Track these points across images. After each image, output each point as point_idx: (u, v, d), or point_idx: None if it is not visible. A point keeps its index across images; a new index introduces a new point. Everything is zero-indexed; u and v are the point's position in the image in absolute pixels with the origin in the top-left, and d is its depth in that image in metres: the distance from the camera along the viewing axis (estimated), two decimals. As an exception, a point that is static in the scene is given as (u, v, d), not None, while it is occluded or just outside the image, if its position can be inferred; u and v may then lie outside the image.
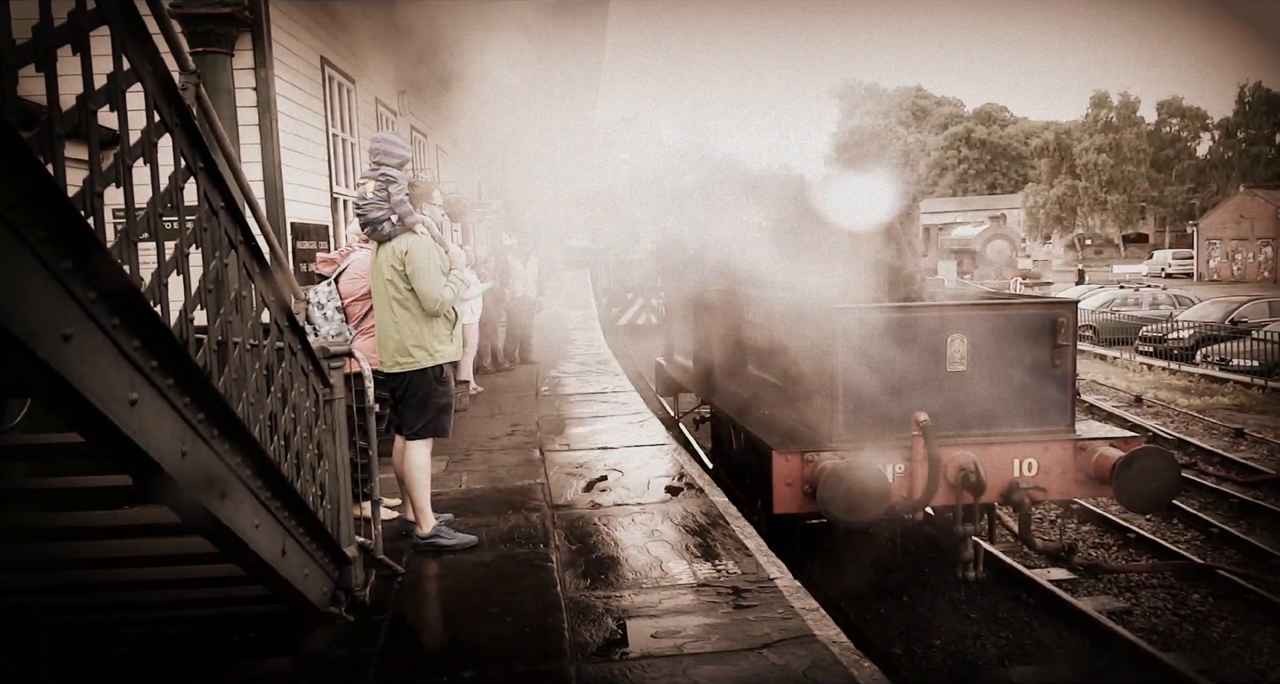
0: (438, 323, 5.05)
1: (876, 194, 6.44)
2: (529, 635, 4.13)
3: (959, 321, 5.64)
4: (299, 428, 3.89)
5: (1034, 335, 5.68)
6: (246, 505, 3.01)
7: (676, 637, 4.09)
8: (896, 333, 5.56)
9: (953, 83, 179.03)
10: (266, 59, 6.76)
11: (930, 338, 5.60)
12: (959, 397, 5.63)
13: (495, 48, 9.14)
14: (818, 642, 4.04)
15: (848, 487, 5.07)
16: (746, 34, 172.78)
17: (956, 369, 5.62)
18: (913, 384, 5.60)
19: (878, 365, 5.52)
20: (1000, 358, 5.66)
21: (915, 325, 5.62)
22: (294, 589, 3.55)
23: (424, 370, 5.03)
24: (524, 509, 6.16)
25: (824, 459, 5.41)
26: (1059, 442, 5.69)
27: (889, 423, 5.58)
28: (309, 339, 4.45)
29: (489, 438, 8.55)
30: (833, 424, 5.65)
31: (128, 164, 2.36)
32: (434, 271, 4.91)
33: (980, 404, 5.63)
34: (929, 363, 5.61)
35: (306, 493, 3.86)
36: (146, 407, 2.21)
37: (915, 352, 5.58)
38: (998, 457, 5.58)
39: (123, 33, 2.30)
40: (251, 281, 3.37)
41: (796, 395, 6.36)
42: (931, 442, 5.24)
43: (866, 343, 5.50)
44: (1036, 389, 5.70)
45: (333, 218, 8.67)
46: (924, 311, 5.73)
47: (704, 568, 4.97)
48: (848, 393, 5.60)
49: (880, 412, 5.59)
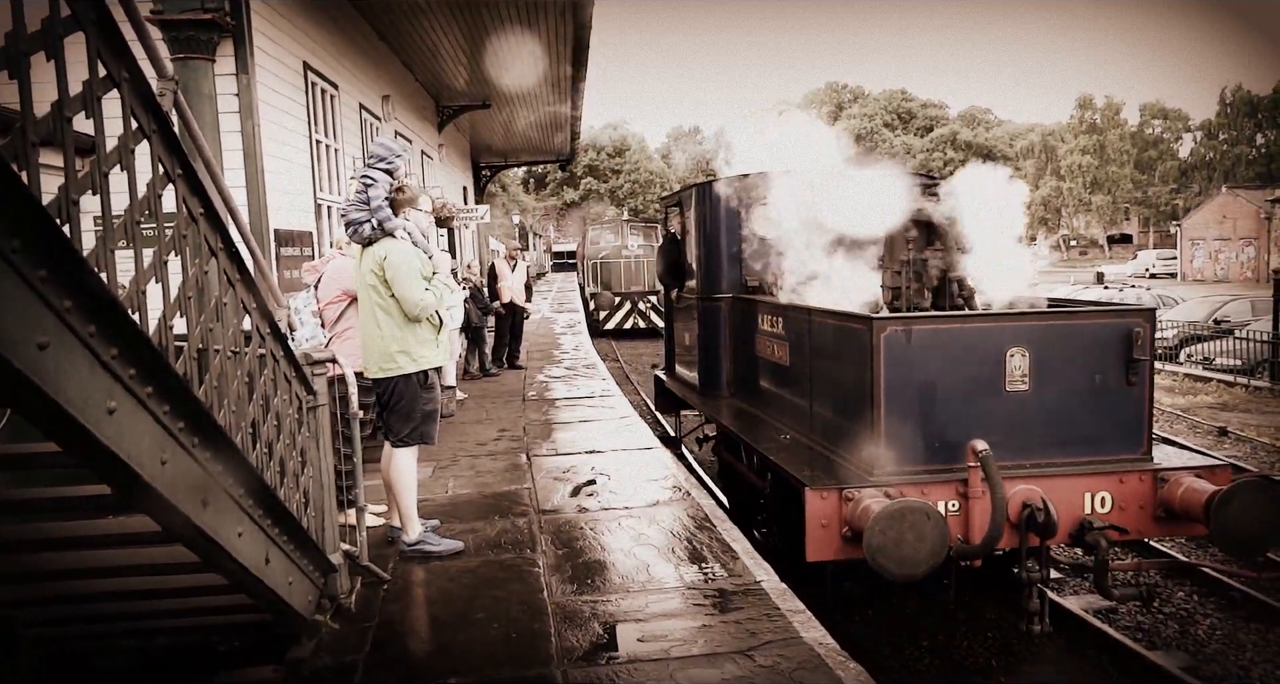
0: (421, 328, 5.02)
1: (915, 189, 5.85)
2: (515, 641, 4.12)
3: (1020, 334, 4.89)
4: (282, 435, 3.87)
5: (1105, 348, 4.96)
6: (229, 514, 3.00)
7: (663, 640, 4.09)
8: (948, 347, 4.84)
9: (937, 86, 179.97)
10: (248, 65, 6.73)
11: (987, 352, 4.86)
12: (1019, 420, 4.90)
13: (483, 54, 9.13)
14: (804, 643, 4.05)
15: (901, 533, 4.23)
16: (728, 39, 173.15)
17: (1017, 388, 4.88)
18: (966, 406, 4.86)
19: (926, 385, 4.83)
20: (1066, 375, 4.93)
21: (969, 338, 4.88)
22: (278, 597, 3.53)
23: (408, 376, 5.01)
24: (511, 514, 6.15)
25: (866, 497, 4.59)
26: (1136, 472, 4.92)
27: (939, 452, 4.85)
28: (299, 349, 4.44)
29: (476, 443, 8.53)
30: (874, 454, 4.83)
31: (104, 171, 2.35)
32: (413, 276, 4.89)
33: (1044, 428, 4.94)
34: (985, 381, 4.87)
35: (290, 500, 3.84)
36: (125, 415, 2.19)
37: (969, 369, 4.86)
38: (1066, 490, 4.83)
39: (98, 39, 2.29)
40: (232, 288, 3.35)
41: (827, 419, 5.58)
42: (994, 475, 4.47)
43: (913, 359, 4.79)
44: (1108, 410, 5.00)
45: (317, 224, 8.64)
46: (979, 323, 5.01)
47: (691, 571, 4.98)
48: (891, 417, 4.79)
49: (929, 439, 4.85)
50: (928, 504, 4.36)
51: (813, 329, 5.76)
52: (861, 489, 4.67)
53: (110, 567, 3.17)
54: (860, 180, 6.26)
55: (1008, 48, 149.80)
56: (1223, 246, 49.99)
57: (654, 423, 12.36)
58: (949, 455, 4.81)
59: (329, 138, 9.35)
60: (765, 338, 6.74)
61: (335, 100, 9.57)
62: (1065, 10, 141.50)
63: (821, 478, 4.91)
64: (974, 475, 4.61)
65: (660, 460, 7.70)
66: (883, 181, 6.08)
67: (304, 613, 3.91)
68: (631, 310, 23.81)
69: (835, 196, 6.19)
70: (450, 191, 17.80)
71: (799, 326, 6.03)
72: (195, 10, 6.30)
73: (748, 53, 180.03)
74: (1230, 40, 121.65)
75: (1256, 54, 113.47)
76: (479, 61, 13.00)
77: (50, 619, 3.66)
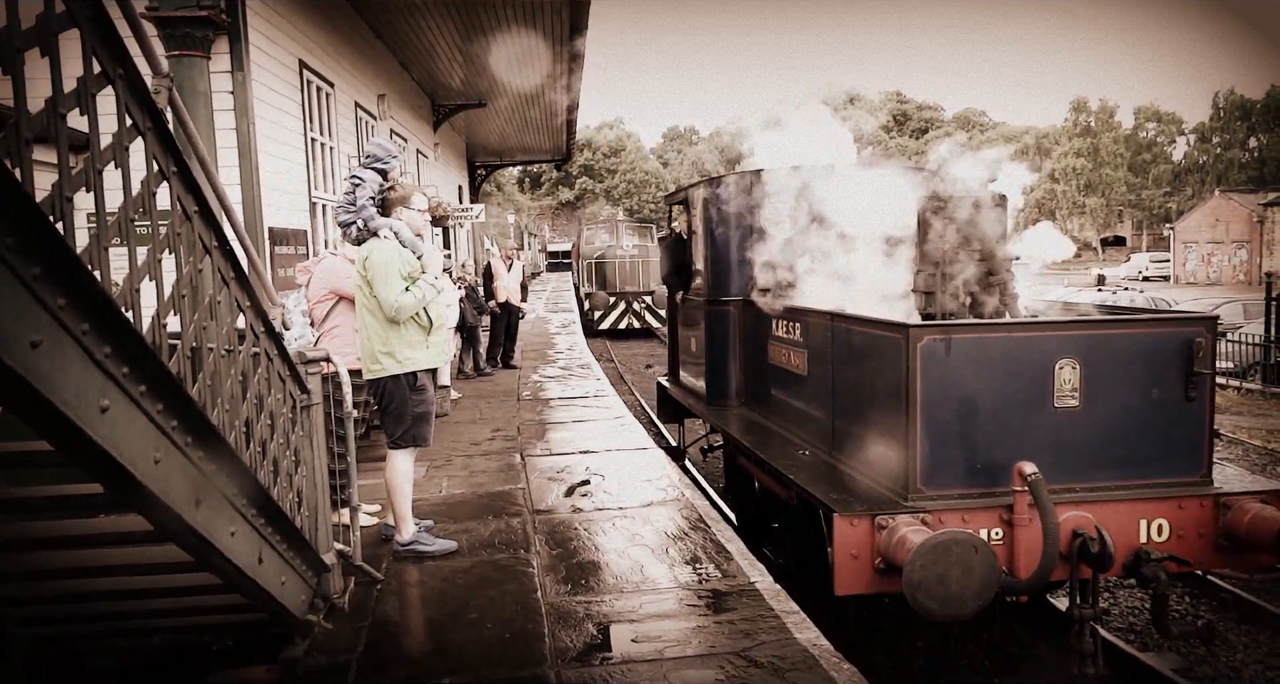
0: (407, 329, 4.94)
1: (951, 185, 5.35)
2: (509, 641, 4.11)
3: (1070, 344, 4.47)
4: (276, 434, 3.86)
5: (1162, 361, 4.55)
6: (222, 513, 2.98)
7: (658, 641, 4.09)
8: (990, 358, 4.43)
9: (934, 87, 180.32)
10: (243, 62, 6.72)
11: (1033, 364, 4.44)
12: (1069, 439, 4.48)
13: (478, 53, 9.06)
14: (798, 644, 4.05)
15: (946, 569, 3.80)
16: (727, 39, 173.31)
17: (1066, 404, 4.46)
18: (1011, 423, 4.45)
19: (966, 399, 4.42)
20: (1120, 389, 4.52)
21: (1015, 349, 4.46)
22: (271, 597, 3.52)
23: (397, 378, 4.97)
24: (505, 514, 6.14)
25: (902, 525, 4.18)
26: (1196, 497, 4.52)
27: (981, 474, 4.44)
28: (292, 347, 4.43)
29: (470, 443, 8.52)
30: (909, 475, 4.42)
31: (98, 168, 2.33)
32: (391, 277, 4.81)
33: (1096, 448, 4.52)
34: (1031, 396, 4.45)
35: (284, 500, 3.83)
36: (118, 414, 2.18)
37: (1014, 382, 4.45)
38: (1119, 517, 4.43)
39: (93, 35, 2.28)
40: (226, 287, 3.34)
41: (853, 435, 5.11)
42: (1045, 502, 4.08)
43: (952, 371, 4.38)
44: (1164, 429, 4.59)
45: (312, 223, 8.62)
46: (1026, 331, 4.55)
47: (685, 572, 4.97)
48: (928, 435, 4.39)
49: (970, 459, 4.45)
50: (975, 536, 3.93)
51: (836, 336, 5.32)
52: (896, 516, 4.26)
53: (103, 566, 3.16)
54: (886, 176, 5.93)
55: (1003, 50, 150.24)
56: (1215, 249, 50.17)
57: (647, 422, 12.36)
58: (991, 478, 4.42)
59: (324, 136, 9.33)
60: (779, 345, 6.30)
61: (331, 99, 9.55)
62: (1061, 12, 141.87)
63: (851, 502, 4.48)
64: (1020, 501, 4.23)
65: (655, 461, 7.69)
66: (911, 178, 5.74)
67: (297, 613, 3.89)
68: (626, 310, 23.81)
69: (859, 194, 5.82)
70: (445, 191, 17.79)
71: (819, 333, 5.57)
72: (191, 7, 6.29)
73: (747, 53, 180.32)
74: (1224, 44, 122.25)
75: (1249, 58, 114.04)
76: (475, 60, 13.00)
77: (43, 619, 3.65)
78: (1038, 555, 4.17)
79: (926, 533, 3.99)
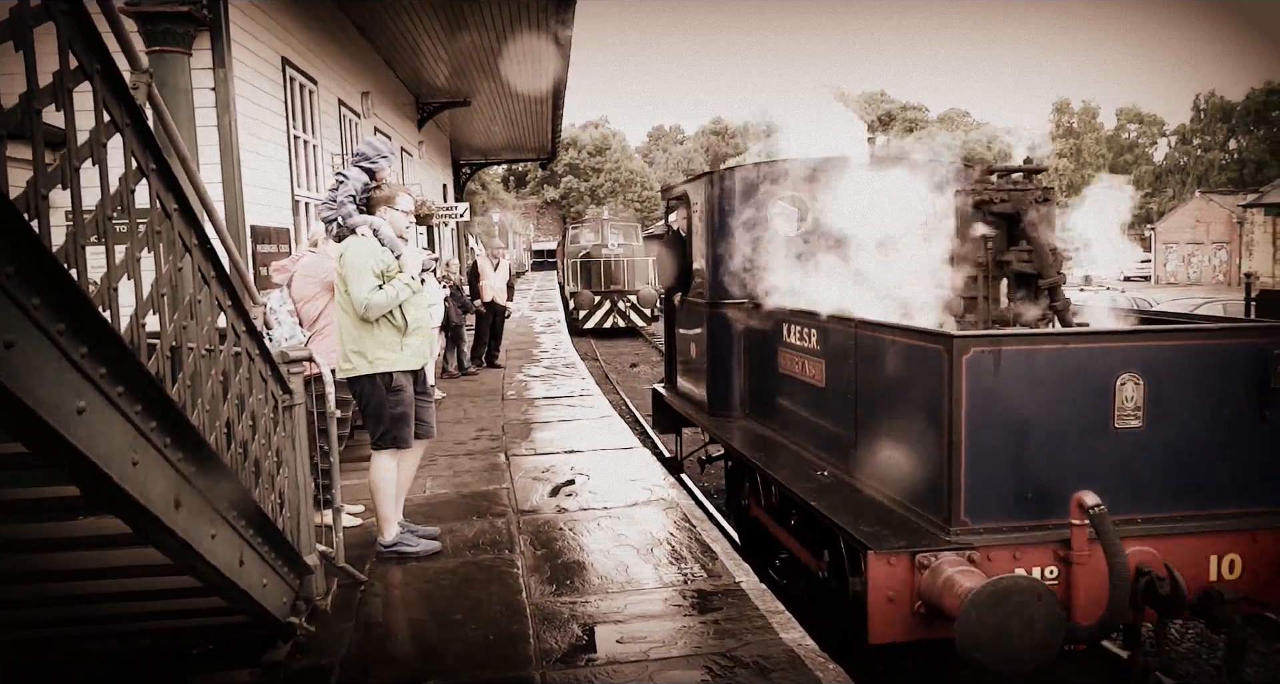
0: (380, 329, 4.87)
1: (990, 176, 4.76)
2: (494, 643, 4.09)
3: (1133, 357, 3.96)
4: (257, 435, 3.82)
5: (1234, 375, 4.05)
6: (202, 515, 2.94)
7: (643, 642, 4.07)
8: (1044, 373, 3.92)
9: (915, 88, 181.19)
10: (225, 59, 6.65)
11: (1092, 380, 3.94)
12: (1131, 464, 3.98)
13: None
14: (783, 644, 4.04)
15: (1004, 620, 3.35)
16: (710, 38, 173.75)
17: (1128, 424, 3.95)
18: (1066, 446, 3.94)
19: (1017, 419, 3.90)
20: (1188, 407, 4.02)
21: (1072, 362, 3.94)
22: (253, 600, 3.48)
23: (371, 378, 4.91)
24: (489, 515, 6.11)
25: (947, 564, 3.69)
26: (1273, 529, 4.05)
27: (1032, 504, 3.93)
28: (275, 347, 4.39)
29: (454, 443, 8.48)
30: (951, 505, 3.90)
31: (75, 165, 2.29)
32: (365, 275, 4.76)
33: (1161, 475, 4.02)
34: (1089, 416, 3.94)
35: (265, 501, 3.79)
36: (95, 416, 2.15)
37: (1070, 400, 3.94)
38: (1187, 551, 3.96)
39: (69, 29, 2.24)
40: (207, 286, 3.30)
41: (881, 455, 4.56)
42: (1112, 538, 3.60)
43: (1002, 387, 3.87)
44: (1236, 452, 4.07)
45: (295, 221, 8.55)
46: (1084, 343, 4.01)
47: (670, 572, 4.96)
48: (974, 459, 3.86)
49: (1020, 487, 3.93)
50: (1038, 583, 3.48)
51: (860, 345, 4.77)
52: (939, 553, 3.77)
53: (80, 569, 3.11)
54: (916, 169, 5.42)
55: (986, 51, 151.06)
56: (1196, 250, 50.63)
57: (632, 421, 12.35)
58: (1044, 508, 3.92)
59: (307, 134, 9.26)
60: (791, 352, 5.71)
61: (314, 96, 9.48)
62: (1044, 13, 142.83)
63: (886, 536, 3.96)
64: (1079, 535, 3.74)
65: (640, 461, 7.67)
66: (946, 171, 5.17)
67: (279, 615, 3.85)
68: (611, 309, 23.78)
69: (881, 187, 5.32)
70: (430, 189, 17.71)
71: (840, 341, 5.00)
72: (171, 2, 6.22)
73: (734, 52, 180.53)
74: (1205, 46, 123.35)
75: (1230, 60, 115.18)
76: (460, 58, 12.95)
77: (22, 622, 3.59)
78: (1099, 597, 3.71)
79: (977, 576, 3.53)
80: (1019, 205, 4.49)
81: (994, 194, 4.53)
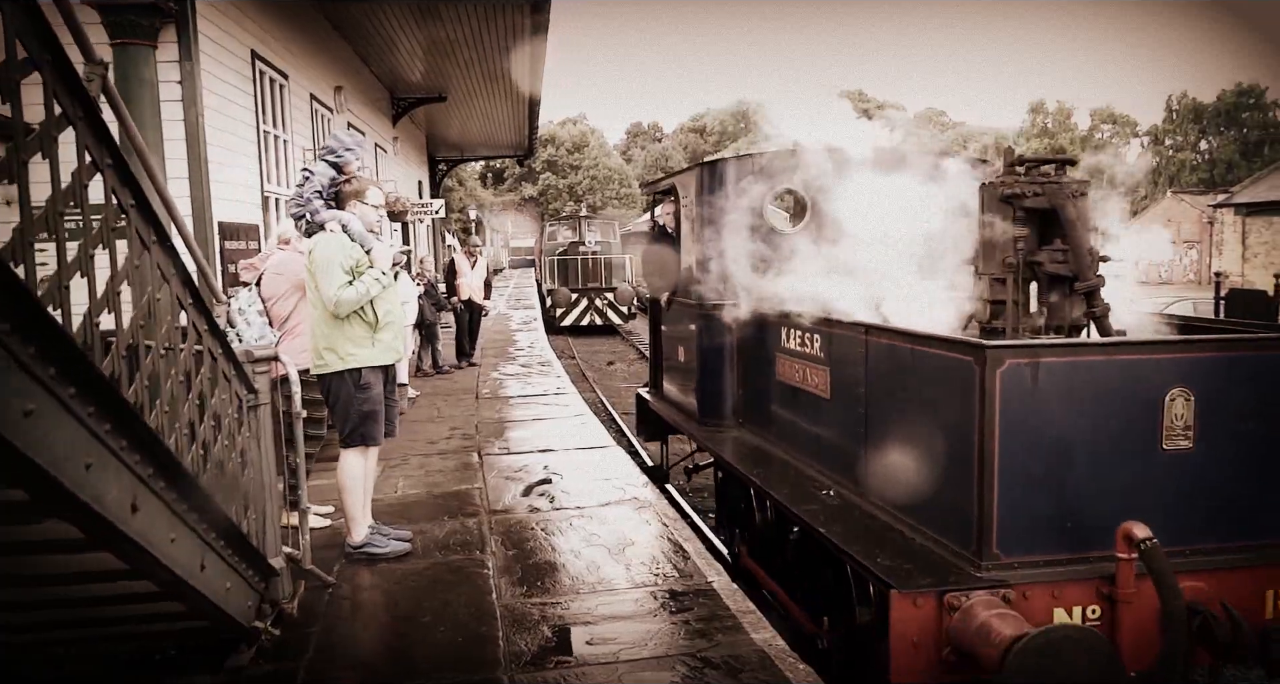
0: (351, 325, 4.83)
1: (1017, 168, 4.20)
2: (462, 645, 4.04)
3: (1183, 370, 3.55)
4: (220, 436, 3.75)
5: None
6: (161, 519, 2.88)
7: (613, 643, 4.04)
8: (1085, 387, 3.50)
9: (893, 87, 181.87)
10: (192, 52, 6.53)
11: (1138, 395, 3.53)
12: (1180, 490, 3.57)
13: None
14: (754, 644, 4.02)
15: (1053, 672, 2.99)
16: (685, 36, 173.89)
17: (1177, 446, 3.55)
18: (1109, 470, 3.54)
19: (1057, 440, 3.49)
20: (1241, 426, 3.61)
21: (1117, 376, 3.53)
22: (214, 605, 3.41)
23: (341, 375, 4.86)
24: (461, 515, 6.05)
25: (980, 605, 3.29)
26: None
27: (1071, 534, 3.52)
28: (240, 346, 4.31)
29: (427, 442, 8.41)
30: (981, 535, 3.48)
31: (23, 159, 2.23)
32: (333, 271, 4.71)
33: (1212, 502, 3.62)
34: (1135, 436, 3.54)
35: (229, 503, 3.72)
36: (44, 418, 2.08)
37: (1114, 418, 3.52)
38: (1241, 587, 3.57)
39: (16, 17, 2.17)
40: (166, 283, 3.23)
41: (898, 476, 4.09)
42: (1168, 576, 3.16)
43: (1040, 404, 3.44)
44: None
45: (264, 217, 8.43)
46: (1131, 354, 3.59)
47: (642, 572, 4.93)
48: (1008, 484, 3.44)
49: (1058, 515, 3.51)
50: (1096, 635, 3.13)
51: (873, 353, 4.33)
52: (970, 592, 3.34)
53: (34, 575, 3.03)
54: (930, 161, 5.07)
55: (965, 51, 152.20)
56: (1167, 249, 51.28)
57: (608, 419, 12.31)
58: (1084, 539, 3.52)
59: (278, 129, 9.13)
60: (792, 359, 5.26)
61: (285, 90, 9.35)
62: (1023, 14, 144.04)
63: (909, 572, 3.52)
64: (1125, 571, 3.33)
65: (614, 460, 7.64)
66: (960, 165, 4.81)
67: (243, 619, 3.78)
68: (589, 307, 23.71)
69: (898, 180, 4.93)
70: (405, 186, 17.57)
71: (849, 349, 4.56)
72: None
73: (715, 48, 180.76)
74: (1179, 48, 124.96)
75: (1202, 62, 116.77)
76: (436, 54, 12.83)
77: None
78: (1147, 640, 3.37)
79: (1016, 621, 3.18)
80: (1055, 200, 3.97)
81: (1027, 187, 4.02)
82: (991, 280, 4.12)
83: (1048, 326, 4.06)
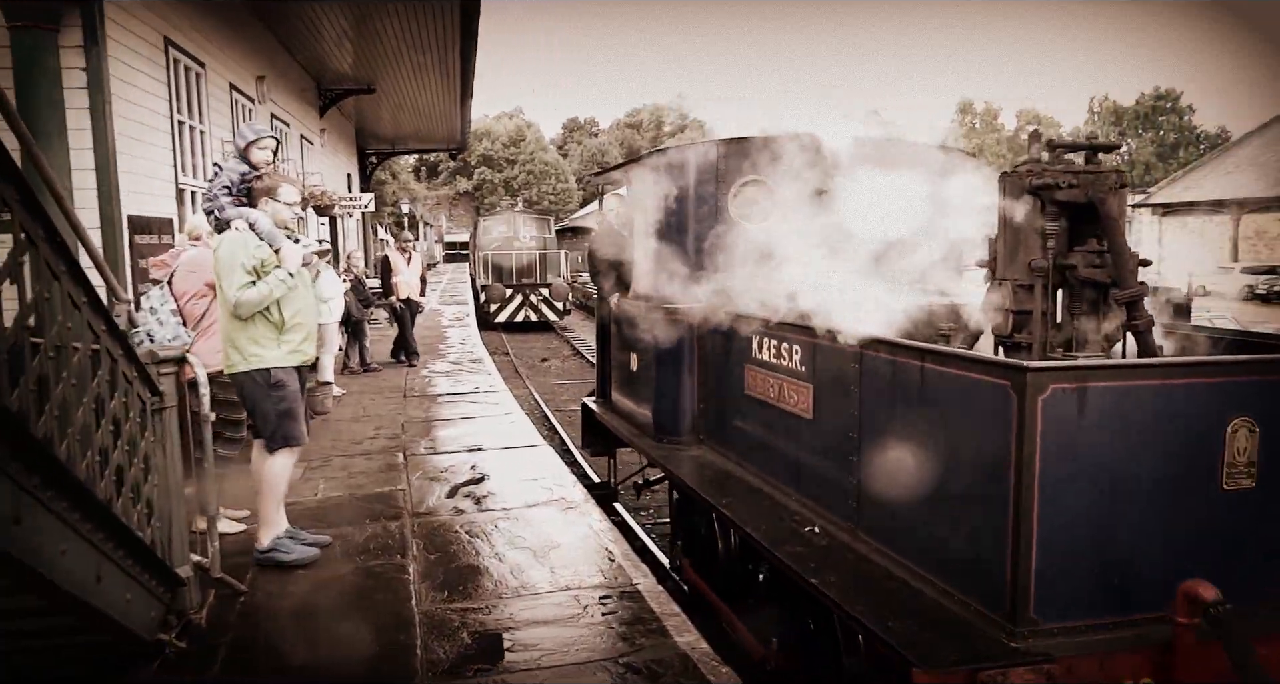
0: (255, 325, 4.69)
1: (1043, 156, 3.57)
2: (378, 655, 3.93)
3: (1246, 394, 3.00)
4: (120, 441, 3.58)
5: None
6: (48, 531, 2.72)
7: (534, 649, 3.97)
8: (1136, 416, 2.92)
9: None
10: (99, 36, 6.25)
11: (1195, 425, 2.98)
12: (1241, 536, 3.04)
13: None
14: (678, 648, 3.99)
15: None
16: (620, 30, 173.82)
17: (1239, 484, 3.01)
18: (1160, 514, 2.97)
19: (1104, 480, 2.91)
20: None
21: (1172, 402, 2.95)
22: (112, 619, 3.25)
23: (250, 374, 4.71)
24: (383, 518, 5.91)
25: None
26: None
27: (1118, 592, 2.96)
28: (145, 347, 4.13)
29: (351, 442, 8.21)
30: (1015, 594, 2.88)
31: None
32: (234, 271, 4.58)
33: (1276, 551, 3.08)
34: (1189, 473, 2.99)
35: (129, 511, 3.56)
36: (-96, 428, 1.94)
37: (1166, 452, 2.96)
38: None
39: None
40: (57, 281, 3.06)
41: (903, 516, 3.48)
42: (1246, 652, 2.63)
43: (1087, 437, 2.87)
44: None
45: (179, 210, 8.13)
46: (1190, 377, 3.02)
47: (566, 575, 4.87)
48: (1050, 537, 2.85)
49: (1104, 570, 2.94)
50: None
51: (870, 371, 3.69)
52: (1010, 670, 2.74)
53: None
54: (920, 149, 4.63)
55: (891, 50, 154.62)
56: (1088, 248, 53.00)
57: (540, 418, 12.20)
58: (1133, 597, 2.96)
59: (194, 119, 8.82)
60: (763, 372, 4.63)
61: (202, 79, 9.04)
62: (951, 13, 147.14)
63: (930, 640, 2.93)
64: (1184, 637, 2.79)
65: (542, 459, 7.56)
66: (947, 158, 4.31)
67: (145, 633, 3.62)
68: (523, 303, 23.53)
69: (875, 173, 4.45)
70: (333, 179, 17.18)
71: (838, 364, 3.91)
72: (34, -25, 5.80)
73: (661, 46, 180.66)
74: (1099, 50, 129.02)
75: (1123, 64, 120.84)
76: (364, 42, 12.56)
77: None
78: None
79: None
80: (1094, 192, 3.36)
81: (1061, 177, 3.41)
82: (1015, 287, 3.51)
83: (1078, 342, 3.48)
